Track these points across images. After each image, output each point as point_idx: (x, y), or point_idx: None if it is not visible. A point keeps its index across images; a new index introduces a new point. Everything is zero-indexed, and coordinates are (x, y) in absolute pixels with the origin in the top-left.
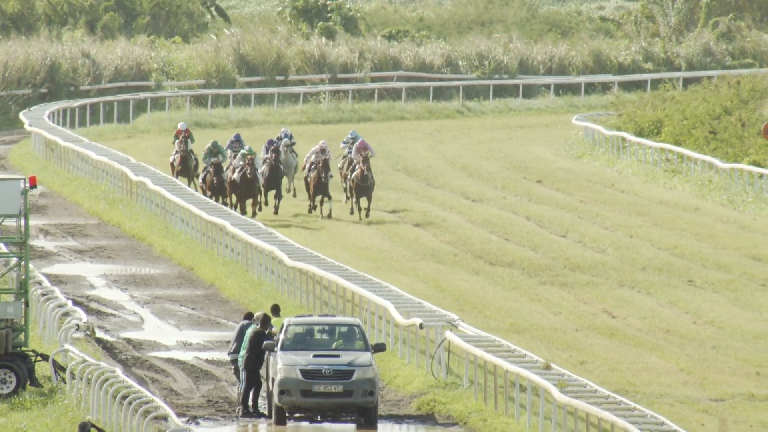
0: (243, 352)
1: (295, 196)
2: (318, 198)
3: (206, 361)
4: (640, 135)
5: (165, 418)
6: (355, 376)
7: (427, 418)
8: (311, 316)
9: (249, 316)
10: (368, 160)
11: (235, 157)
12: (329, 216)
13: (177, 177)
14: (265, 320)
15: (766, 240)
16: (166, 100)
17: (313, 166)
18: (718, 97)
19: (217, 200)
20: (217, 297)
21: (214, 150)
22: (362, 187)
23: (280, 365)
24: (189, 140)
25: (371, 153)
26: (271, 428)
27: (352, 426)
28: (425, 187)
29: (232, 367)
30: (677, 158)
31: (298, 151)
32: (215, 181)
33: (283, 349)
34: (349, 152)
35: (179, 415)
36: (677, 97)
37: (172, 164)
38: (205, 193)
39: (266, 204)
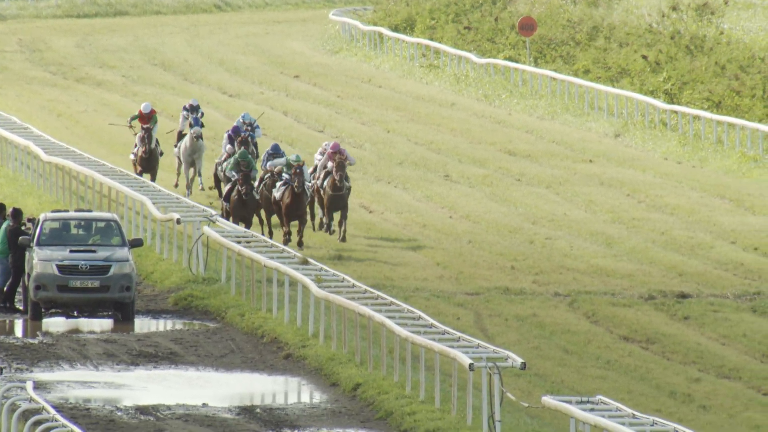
0: (2, 248)
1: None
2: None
3: None
4: (396, 31)
5: None
6: (111, 272)
7: (185, 313)
8: (67, 211)
9: None
10: (343, 167)
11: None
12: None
13: (141, 174)
14: (17, 215)
15: (521, 135)
16: None
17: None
18: None
19: (237, 222)
20: None
21: (243, 162)
22: (335, 197)
23: (36, 260)
24: (153, 131)
25: (349, 160)
26: (27, 323)
27: (108, 321)
28: (182, 82)
29: None
30: (433, 54)
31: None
32: (243, 195)
33: (39, 244)
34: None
35: None
36: None
37: (133, 162)
38: (227, 216)
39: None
